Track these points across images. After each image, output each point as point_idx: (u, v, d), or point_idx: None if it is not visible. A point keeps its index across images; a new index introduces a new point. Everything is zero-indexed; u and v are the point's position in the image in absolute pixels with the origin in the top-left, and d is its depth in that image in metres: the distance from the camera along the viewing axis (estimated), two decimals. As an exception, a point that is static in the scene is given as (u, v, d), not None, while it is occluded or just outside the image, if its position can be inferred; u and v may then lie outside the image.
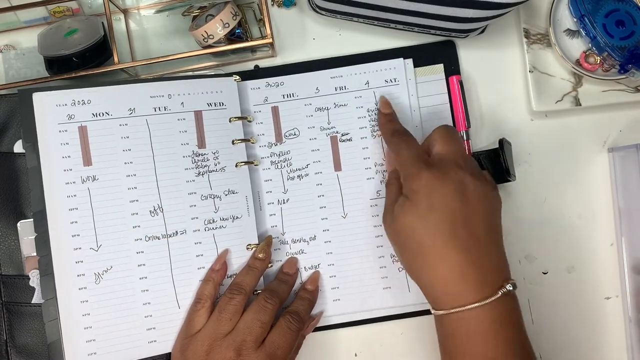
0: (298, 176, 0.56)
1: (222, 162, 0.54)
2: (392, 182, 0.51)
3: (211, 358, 0.47)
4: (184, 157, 0.53)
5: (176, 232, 0.52)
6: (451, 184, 0.45)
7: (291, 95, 0.57)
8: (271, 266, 0.54)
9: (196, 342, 0.48)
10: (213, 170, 0.54)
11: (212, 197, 0.53)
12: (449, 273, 0.44)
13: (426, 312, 0.56)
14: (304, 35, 0.60)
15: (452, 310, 0.44)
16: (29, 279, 0.52)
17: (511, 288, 0.44)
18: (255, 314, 0.49)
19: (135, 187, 0.52)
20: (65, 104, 0.51)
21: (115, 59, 0.55)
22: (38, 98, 0.51)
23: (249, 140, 0.55)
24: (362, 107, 0.57)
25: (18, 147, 0.54)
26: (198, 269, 0.52)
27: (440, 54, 0.59)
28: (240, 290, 0.50)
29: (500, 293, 0.44)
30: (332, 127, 0.57)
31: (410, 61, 0.58)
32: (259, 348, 0.48)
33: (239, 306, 0.49)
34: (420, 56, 0.58)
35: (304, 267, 0.55)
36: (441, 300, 0.45)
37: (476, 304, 0.43)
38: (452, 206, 0.45)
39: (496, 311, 0.44)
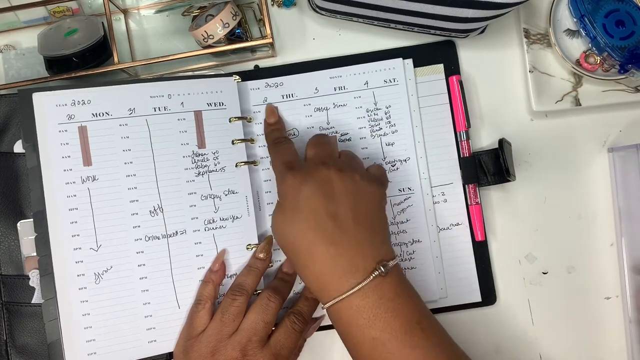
0: (298, 176, 0.56)
1: (222, 162, 0.54)
2: None
3: (216, 359, 0.48)
4: (184, 157, 0.53)
5: (176, 232, 0.52)
6: (314, 182, 0.47)
7: (290, 95, 0.57)
8: (271, 266, 0.54)
9: (200, 344, 0.49)
10: (213, 170, 0.54)
11: (212, 197, 0.53)
12: (321, 267, 0.45)
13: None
14: (304, 35, 0.60)
15: (331, 303, 0.45)
16: (29, 279, 0.52)
17: (383, 270, 0.45)
18: (259, 314, 0.49)
19: (135, 187, 0.52)
20: (65, 104, 0.51)
21: (115, 59, 0.55)
22: (38, 98, 0.51)
23: (248, 141, 0.55)
24: (361, 107, 0.57)
25: (18, 147, 0.54)
26: (198, 269, 0.52)
27: (440, 54, 0.59)
28: (242, 291, 0.50)
29: (372, 277, 0.44)
30: (331, 127, 0.57)
31: (410, 61, 0.58)
32: (264, 347, 0.48)
33: (242, 307, 0.49)
34: (420, 56, 0.58)
35: (304, 267, 0.55)
36: (321, 296, 0.46)
37: (350, 292, 0.44)
38: (316, 202, 0.46)
39: (374, 294, 0.44)
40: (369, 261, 0.45)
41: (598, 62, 0.57)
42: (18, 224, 0.53)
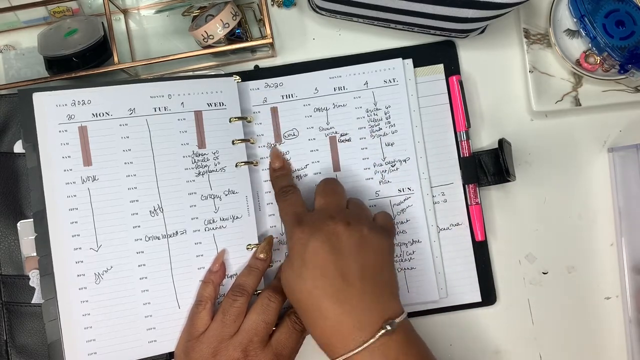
0: (297, 177, 0.56)
1: (222, 162, 0.54)
2: None
3: None
4: (184, 157, 0.53)
5: (176, 232, 0.52)
6: (321, 237, 0.46)
7: (290, 95, 0.57)
8: (271, 266, 0.54)
9: (201, 345, 0.49)
10: (213, 171, 0.54)
11: (212, 197, 0.53)
12: (328, 324, 0.45)
13: (426, 312, 0.56)
14: (304, 35, 0.60)
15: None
16: (29, 279, 0.52)
17: (389, 328, 0.44)
18: (260, 315, 0.49)
19: (136, 187, 0.52)
20: (65, 104, 0.51)
21: (115, 59, 0.55)
22: (38, 98, 0.51)
23: (248, 141, 0.55)
24: (361, 107, 0.57)
25: (18, 147, 0.54)
26: (198, 269, 0.52)
27: (440, 54, 0.59)
28: (242, 292, 0.50)
29: (378, 335, 0.44)
30: (330, 128, 0.57)
31: (410, 61, 0.58)
32: (265, 347, 0.48)
33: (242, 308, 0.49)
34: (420, 56, 0.58)
35: (304, 267, 0.55)
36: (328, 352, 0.46)
37: (356, 350, 0.44)
38: (324, 259, 0.46)
39: (380, 353, 0.44)
40: (376, 319, 0.45)
41: (598, 62, 0.57)
42: (18, 224, 0.53)
